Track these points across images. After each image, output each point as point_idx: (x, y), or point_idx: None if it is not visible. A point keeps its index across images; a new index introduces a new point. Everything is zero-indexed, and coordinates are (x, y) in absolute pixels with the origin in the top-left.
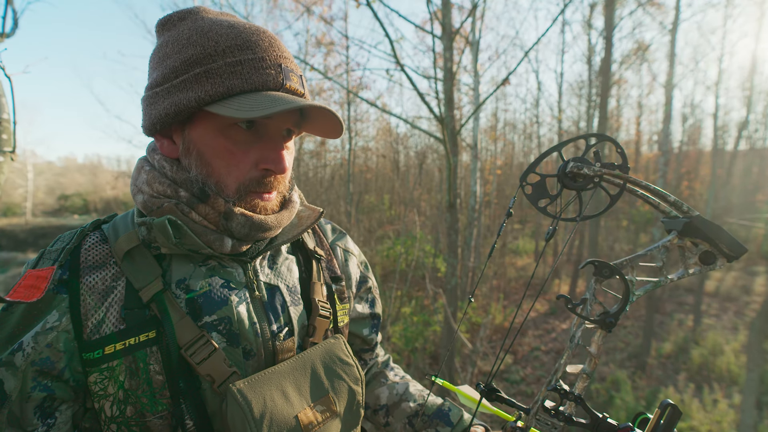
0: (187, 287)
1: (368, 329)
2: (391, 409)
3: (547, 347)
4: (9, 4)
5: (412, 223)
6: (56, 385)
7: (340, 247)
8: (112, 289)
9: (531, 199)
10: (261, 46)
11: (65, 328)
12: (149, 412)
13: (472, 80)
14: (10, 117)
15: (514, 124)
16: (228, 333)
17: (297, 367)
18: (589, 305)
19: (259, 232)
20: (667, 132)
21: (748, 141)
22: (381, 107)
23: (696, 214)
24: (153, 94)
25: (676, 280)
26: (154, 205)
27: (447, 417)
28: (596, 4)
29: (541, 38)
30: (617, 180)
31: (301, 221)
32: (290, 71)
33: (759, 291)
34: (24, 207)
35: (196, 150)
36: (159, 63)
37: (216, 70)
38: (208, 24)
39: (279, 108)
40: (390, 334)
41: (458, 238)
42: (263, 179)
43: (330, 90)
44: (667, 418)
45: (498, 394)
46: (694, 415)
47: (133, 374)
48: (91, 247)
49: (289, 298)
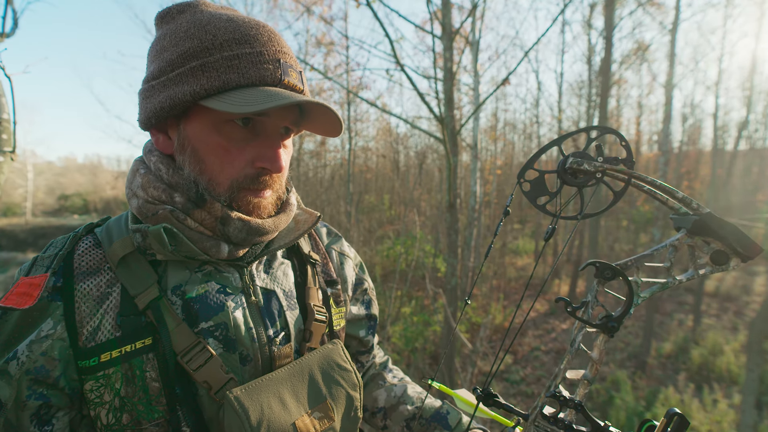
0: (183, 294)
1: (365, 330)
2: (388, 412)
3: (547, 347)
4: (9, 4)
5: (412, 223)
6: (52, 393)
7: (335, 250)
8: (107, 295)
9: (529, 196)
10: (259, 41)
11: (60, 336)
12: (145, 419)
13: (472, 80)
14: (10, 117)
15: (514, 124)
16: (225, 339)
17: (295, 373)
18: (590, 308)
19: (256, 237)
20: (667, 132)
21: (748, 141)
22: (381, 107)
23: (706, 211)
24: (149, 87)
25: (685, 281)
26: (149, 212)
27: (445, 420)
28: (596, 4)
29: (541, 38)
30: (621, 175)
31: (298, 225)
32: (289, 67)
33: (759, 291)
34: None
35: (190, 146)
36: (156, 56)
37: (212, 63)
38: (207, 17)
39: (274, 103)
40: (390, 334)
41: (458, 238)
42: (258, 177)
43: (330, 90)
44: (674, 429)
45: (495, 399)
46: (694, 415)
47: (129, 381)
48: (84, 252)
49: (286, 303)
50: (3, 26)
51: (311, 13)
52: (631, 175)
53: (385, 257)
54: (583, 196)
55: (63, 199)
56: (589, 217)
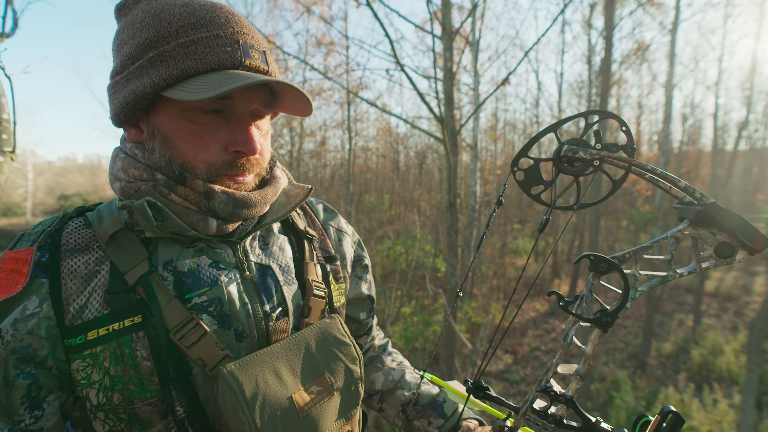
0: (174, 269)
1: (365, 313)
2: (385, 396)
3: (547, 347)
4: (9, 4)
5: (412, 223)
6: (40, 372)
7: (332, 226)
8: (95, 273)
9: (523, 186)
10: (216, 23)
11: (47, 315)
12: (137, 399)
13: (472, 80)
14: (10, 117)
15: (514, 124)
16: (219, 314)
17: (291, 347)
18: (584, 302)
19: (243, 210)
20: (667, 132)
21: (748, 141)
22: (381, 107)
23: (711, 201)
24: (114, 83)
25: (686, 274)
26: (132, 190)
27: (441, 408)
28: (596, 4)
29: (541, 38)
30: (621, 163)
31: (290, 200)
32: (250, 47)
33: (759, 291)
34: (24, 207)
35: (160, 134)
36: (118, 50)
37: (169, 52)
38: (162, 5)
39: (230, 86)
40: (390, 334)
41: (458, 238)
42: (235, 161)
43: (330, 90)
44: (669, 426)
45: (486, 392)
46: (694, 415)
47: (118, 360)
48: (73, 230)
49: (282, 278)
50: (3, 26)
51: (311, 13)
52: (631, 162)
53: (385, 257)
54: (580, 186)
55: (63, 199)
56: (586, 207)
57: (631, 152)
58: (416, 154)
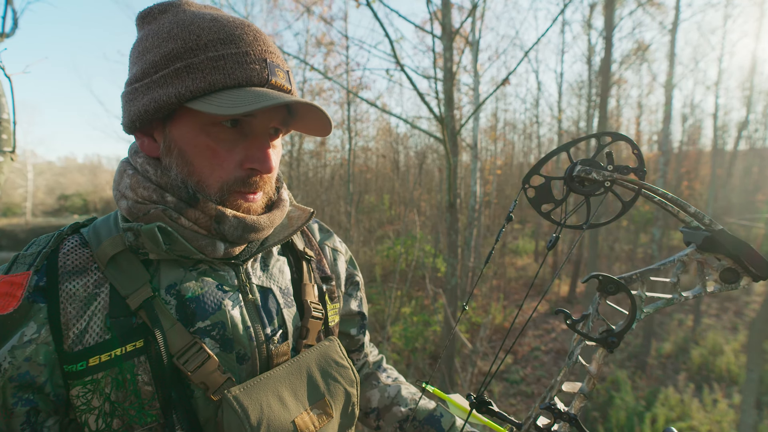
0: (178, 293)
1: (356, 329)
2: (382, 413)
3: (547, 347)
4: (9, 4)
5: (412, 223)
6: (39, 398)
7: (328, 246)
8: (94, 296)
9: (534, 203)
10: (245, 40)
11: (45, 341)
12: (138, 424)
13: (472, 80)
14: (10, 117)
15: (514, 124)
16: (222, 338)
17: (293, 371)
18: (591, 321)
19: (252, 234)
20: (667, 132)
21: (748, 141)
22: (381, 107)
23: (719, 228)
24: (132, 89)
25: (691, 298)
26: (140, 212)
27: (438, 423)
28: (596, 4)
29: (541, 38)
30: (631, 186)
31: (292, 222)
32: (276, 66)
33: (759, 291)
34: (24, 207)
35: (177, 148)
36: (139, 57)
37: (197, 64)
38: (190, 17)
39: (262, 104)
40: (390, 334)
41: (458, 238)
42: (248, 179)
43: (330, 90)
44: None
45: (489, 407)
46: (694, 415)
47: (119, 386)
48: (70, 251)
49: (282, 301)
50: (3, 26)
51: (311, 13)
52: (641, 186)
53: (385, 257)
54: (590, 205)
55: (63, 199)
56: (595, 227)
57: (641, 175)
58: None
